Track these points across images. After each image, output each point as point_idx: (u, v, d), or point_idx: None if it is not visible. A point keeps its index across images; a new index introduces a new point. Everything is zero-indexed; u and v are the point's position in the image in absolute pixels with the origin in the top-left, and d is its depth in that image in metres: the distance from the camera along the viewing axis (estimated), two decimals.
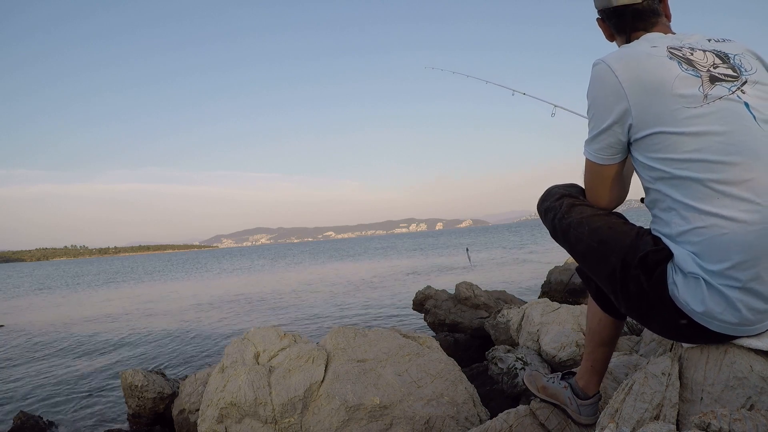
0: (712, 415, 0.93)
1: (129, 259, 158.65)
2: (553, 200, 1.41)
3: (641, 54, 1.17)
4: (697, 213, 1.08)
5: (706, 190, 1.07)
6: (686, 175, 1.08)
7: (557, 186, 1.48)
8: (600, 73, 1.19)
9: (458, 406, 2.37)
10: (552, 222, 1.39)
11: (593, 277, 1.36)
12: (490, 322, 4.44)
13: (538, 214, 1.50)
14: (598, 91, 1.19)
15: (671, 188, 1.12)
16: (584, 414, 1.62)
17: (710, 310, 1.07)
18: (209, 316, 11.73)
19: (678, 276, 1.11)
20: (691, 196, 1.09)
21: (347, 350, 2.61)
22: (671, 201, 1.13)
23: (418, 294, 6.12)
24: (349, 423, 2.24)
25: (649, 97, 1.11)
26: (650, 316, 1.21)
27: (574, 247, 1.33)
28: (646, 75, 1.13)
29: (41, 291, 26.44)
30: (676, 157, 1.09)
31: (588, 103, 1.23)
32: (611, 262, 1.20)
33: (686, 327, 1.14)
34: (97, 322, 12.12)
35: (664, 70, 1.12)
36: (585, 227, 1.28)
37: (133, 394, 4.09)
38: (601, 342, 1.54)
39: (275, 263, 40.15)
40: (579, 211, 1.32)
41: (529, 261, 19.53)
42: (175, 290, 20.90)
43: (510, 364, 3.03)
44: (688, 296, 1.09)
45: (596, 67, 1.21)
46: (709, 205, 1.06)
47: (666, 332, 1.26)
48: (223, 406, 2.50)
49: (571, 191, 1.41)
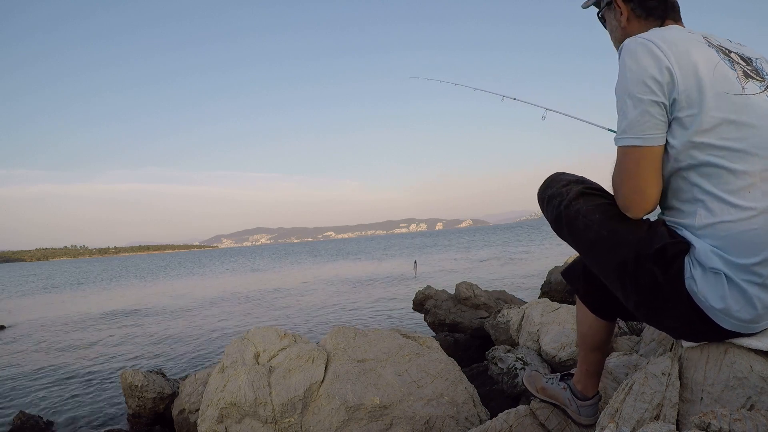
0: (712, 415, 0.93)
1: (129, 259, 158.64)
2: (559, 186, 1.34)
3: (683, 35, 1.14)
4: (727, 206, 1.05)
5: (739, 182, 1.05)
6: (721, 164, 1.05)
7: (563, 173, 1.41)
8: (643, 48, 1.10)
9: (458, 406, 2.37)
10: (557, 209, 1.31)
11: (597, 270, 1.30)
12: (490, 322, 4.44)
13: (539, 202, 1.42)
14: (643, 65, 1.09)
15: (701, 177, 1.08)
16: (584, 414, 1.62)
17: (729, 306, 1.05)
18: (209, 316, 11.74)
19: (697, 270, 1.08)
20: (722, 187, 1.06)
21: (347, 350, 2.61)
22: (699, 191, 1.09)
23: (418, 294, 6.12)
24: (349, 423, 2.24)
25: (695, 76, 1.07)
26: (661, 311, 1.16)
27: (581, 236, 1.26)
28: (691, 55, 1.08)
29: (42, 291, 26.43)
30: (714, 143, 1.06)
31: (625, 82, 1.11)
32: (623, 253, 1.16)
33: (697, 323, 1.11)
34: (97, 322, 12.12)
35: (708, 54, 1.10)
36: (595, 215, 1.22)
37: (133, 394, 4.09)
38: (593, 346, 1.53)
39: (275, 263, 40.14)
40: (589, 199, 1.26)
41: (529, 261, 19.53)
42: (175, 290, 20.90)
43: (510, 364, 3.03)
44: (707, 291, 1.06)
45: (636, 44, 1.12)
46: (741, 199, 1.04)
47: (674, 328, 1.22)
48: (223, 406, 2.50)
49: (579, 178, 1.35)
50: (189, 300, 15.93)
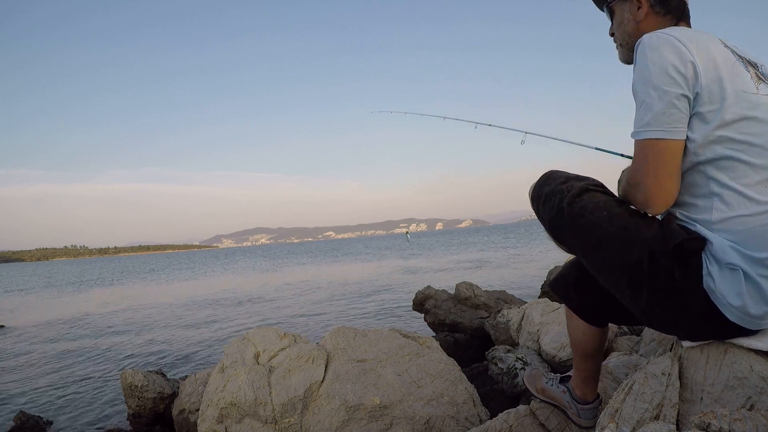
0: (712, 415, 0.93)
1: (129, 259, 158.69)
2: (557, 183, 1.29)
3: (700, 33, 1.14)
4: (744, 199, 1.06)
5: (757, 177, 1.06)
6: (740, 158, 1.06)
7: (558, 170, 1.36)
8: (666, 42, 1.09)
9: (458, 406, 2.37)
10: (558, 206, 1.25)
11: (602, 271, 1.23)
12: (490, 322, 4.44)
13: (532, 201, 1.37)
14: (668, 58, 1.07)
15: (719, 171, 1.08)
16: (584, 417, 1.62)
17: (746, 303, 1.04)
18: (209, 315, 11.74)
19: (714, 267, 1.07)
20: (740, 180, 1.06)
21: (347, 350, 2.61)
22: (716, 185, 1.09)
23: (418, 294, 6.12)
24: (349, 423, 2.24)
25: (716, 72, 1.07)
26: (674, 310, 1.13)
27: (586, 235, 1.20)
28: (711, 52, 1.09)
29: (42, 291, 26.44)
30: (735, 137, 1.06)
31: (648, 75, 1.09)
32: (637, 251, 1.12)
33: (706, 322, 1.10)
34: (96, 321, 12.12)
35: (725, 53, 1.11)
36: (603, 211, 1.18)
37: (133, 394, 4.09)
38: (587, 353, 1.52)
39: (275, 263, 40.14)
40: (593, 195, 1.22)
41: (529, 261, 19.53)
42: (175, 290, 20.90)
43: (510, 364, 3.03)
44: (725, 289, 1.05)
45: (658, 38, 1.11)
46: (759, 193, 1.05)
47: (682, 329, 1.18)
48: (223, 406, 2.50)
49: (577, 175, 1.31)
50: (189, 300, 15.92)
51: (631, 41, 1.31)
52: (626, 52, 1.36)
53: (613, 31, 1.39)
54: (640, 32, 1.25)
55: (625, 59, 1.38)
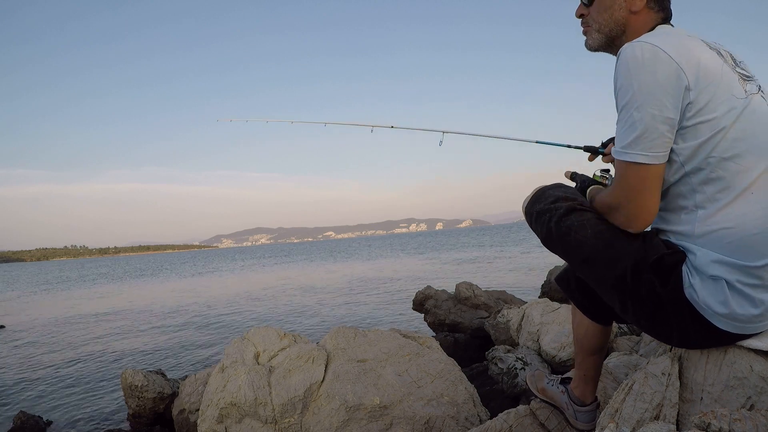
0: (712, 415, 0.93)
1: (129, 259, 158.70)
2: (547, 203, 1.32)
3: (685, 37, 1.10)
4: (728, 210, 1.05)
5: (741, 186, 1.04)
6: (726, 167, 1.04)
7: (548, 187, 1.39)
8: (651, 56, 1.03)
9: (458, 406, 2.37)
10: (548, 225, 1.29)
11: (593, 284, 1.29)
12: (490, 322, 4.44)
13: (526, 217, 1.39)
14: (654, 76, 1.03)
15: (704, 184, 1.07)
16: (581, 420, 1.62)
17: (733, 311, 1.04)
18: (209, 315, 11.73)
19: (695, 279, 1.08)
20: (725, 191, 1.05)
21: (347, 350, 2.61)
22: (701, 197, 1.08)
23: (418, 294, 6.12)
24: (349, 423, 2.24)
25: (705, 80, 1.04)
26: (662, 322, 1.15)
27: (574, 252, 1.25)
28: (701, 60, 1.05)
29: (42, 291, 26.44)
30: (722, 147, 1.04)
31: (634, 93, 1.04)
32: (620, 266, 1.15)
33: (700, 332, 1.11)
34: (97, 322, 12.12)
35: (711, 57, 1.08)
36: (588, 230, 1.21)
37: (133, 394, 4.09)
38: (590, 351, 1.53)
39: (275, 263, 40.15)
40: (579, 215, 1.25)
41: (529, 261, 19.53)
42: (174, 290, 20.90)
43: (510, 364, 3.03)
44: (708, 298, 1.06)
45: (643, 51, 1.05)
46: (743, 203, 1.04)
47: (677, 338, 1.19)
48: (223, 406, 2.50)
49: (566, 193, 1.33)
50: (189, 299, 15.93)
51: (615, 29, 1.25)
52: (601, 39, 1.28)
53: (585, 12, 1.30)
54: (629, 24, 1.22)
55: (596, 46, 1.30)
